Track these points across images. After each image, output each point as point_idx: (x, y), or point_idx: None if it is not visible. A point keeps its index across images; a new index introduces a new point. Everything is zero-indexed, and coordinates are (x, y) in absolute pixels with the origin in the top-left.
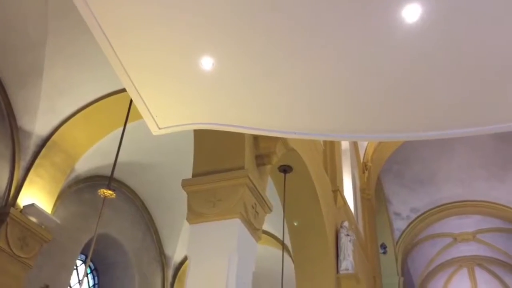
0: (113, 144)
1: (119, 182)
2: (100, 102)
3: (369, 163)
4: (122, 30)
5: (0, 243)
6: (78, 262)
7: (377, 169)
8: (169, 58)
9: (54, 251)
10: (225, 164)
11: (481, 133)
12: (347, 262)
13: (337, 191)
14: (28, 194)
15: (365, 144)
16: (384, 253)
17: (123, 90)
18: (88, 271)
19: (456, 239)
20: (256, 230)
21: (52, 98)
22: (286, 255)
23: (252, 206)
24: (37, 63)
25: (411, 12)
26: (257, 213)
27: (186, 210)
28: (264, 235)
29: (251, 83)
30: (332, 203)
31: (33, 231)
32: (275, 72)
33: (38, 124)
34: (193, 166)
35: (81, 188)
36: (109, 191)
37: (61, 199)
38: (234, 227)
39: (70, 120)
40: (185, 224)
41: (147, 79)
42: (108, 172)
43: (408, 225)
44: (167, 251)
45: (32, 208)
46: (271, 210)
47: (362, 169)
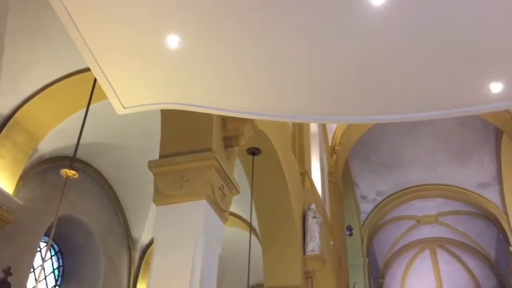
0: (78, 125)
1: (84, 163)
2: (63, 81)
3: (337, 147)
4: (87, 9)
5: None
6: (42, 244)
7: (345, 153)
8: (135, 36)
9: (16, 233)
10: (193, 145)
11: (445, 116)
12: (314, 243)
13: (305, 174)
14: None
15: (334, 128)
16: (350, 235)
17: (88, 69)
18: (52, 253)
19: (419, 221)
20: (223, 212)
21: (13, 77)
22: (253, 237)
23: (220, 188)
24: None
25: None
26: (225, 194)
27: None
28: (232, 217)
29: (217, 63)
30: (300, 185)
31: None
32: (242, 53)
33: None
34: (160, 147)
35: (45, 169)
36: (72, 171)
37: (24, 180)
38: (201, 208)
39: (32, 100)
40: (153, 206)
41: (111, 57)
42: (72, 153)
43: (374, 208)
44: (134, 234)
45: None
46: (238, 192)
47: (330, 152)
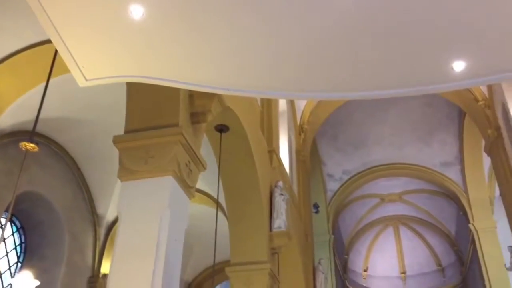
0: (40, 98)
1: (47, 138)
2: (24, 53)
3: (305, 126)
4: None
5: None
6: (3, 221)
7: (313, 132)
8: (97, 5)
9: None
10: (159, 120)
11: (408, 94)
12: (280, 220)
13: (273, 151)
14: None
15: (302, 107)
16: (317, 212)
17: (50, 41)
18: (14, 230)
19: (384, 199)
20: (189, 188)
21: None
22: (220, 214)
23: (186, 164)
24: None
25: None
26: (191, 171)
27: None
28: (199, 194)
29: (182, 36)
30: (267, 163)
31: None
32: (207, 26)
33: None
34: (126, 122)
35: (6, 144)
36: (31, 144)
37: None
38: (166, 184)
39: None
40: (118, 182)
41: (73, 28)
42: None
43: (340, 186)
44: (99, 210)
45: None
46: (205, 168)
47: (299, 131)
